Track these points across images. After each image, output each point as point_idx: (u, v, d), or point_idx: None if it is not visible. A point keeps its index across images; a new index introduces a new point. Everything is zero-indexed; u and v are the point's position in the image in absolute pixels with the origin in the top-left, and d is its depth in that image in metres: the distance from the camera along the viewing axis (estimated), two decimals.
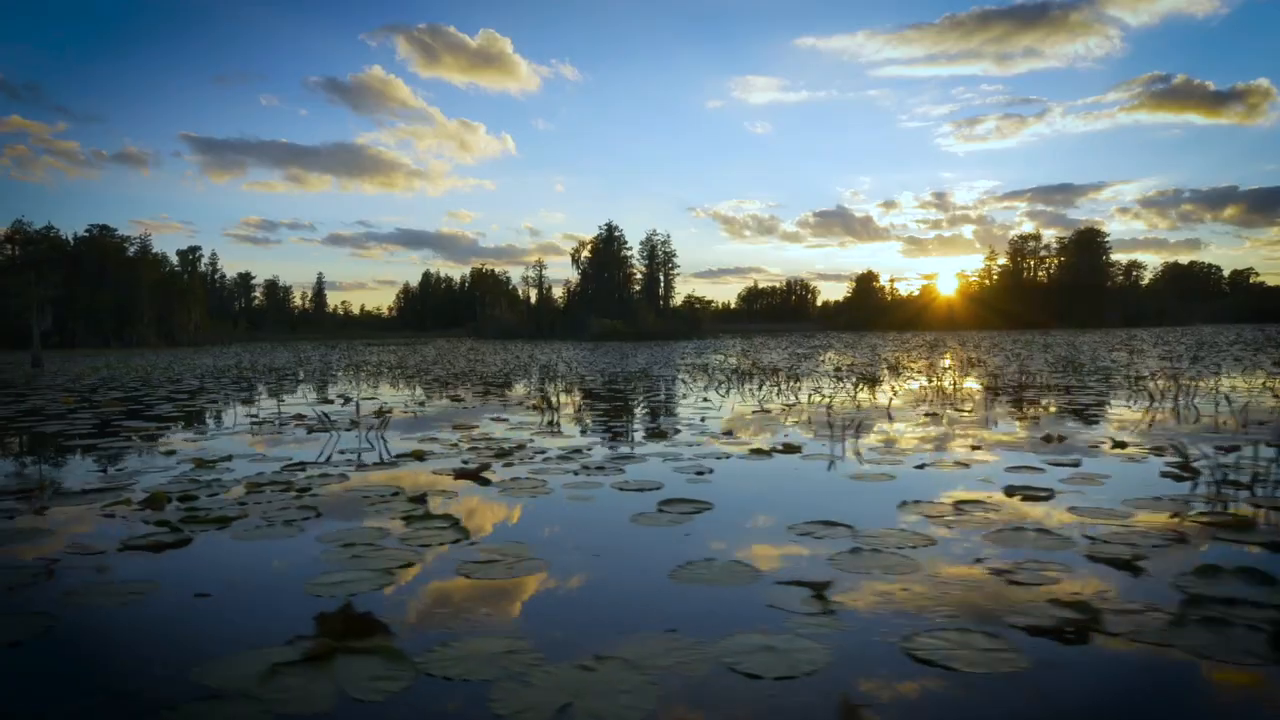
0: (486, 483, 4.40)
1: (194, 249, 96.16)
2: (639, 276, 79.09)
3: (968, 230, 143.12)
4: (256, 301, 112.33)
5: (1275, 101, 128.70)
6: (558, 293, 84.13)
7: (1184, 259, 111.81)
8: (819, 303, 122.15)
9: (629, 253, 78.79)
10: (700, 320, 69.51)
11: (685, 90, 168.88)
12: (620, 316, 64.64)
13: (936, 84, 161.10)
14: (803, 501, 3.86)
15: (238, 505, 3.85)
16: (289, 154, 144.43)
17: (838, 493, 4.11)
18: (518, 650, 2.13)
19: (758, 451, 5.35)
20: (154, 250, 68.36)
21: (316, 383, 14.45)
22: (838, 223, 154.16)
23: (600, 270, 78.06)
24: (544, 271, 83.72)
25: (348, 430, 6.83)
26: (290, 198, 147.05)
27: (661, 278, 77.58)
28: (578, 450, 5.58)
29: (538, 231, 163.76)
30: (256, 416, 8.31)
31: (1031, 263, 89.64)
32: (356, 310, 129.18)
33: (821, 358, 19.99)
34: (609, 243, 78.59)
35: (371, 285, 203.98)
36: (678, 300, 77.84)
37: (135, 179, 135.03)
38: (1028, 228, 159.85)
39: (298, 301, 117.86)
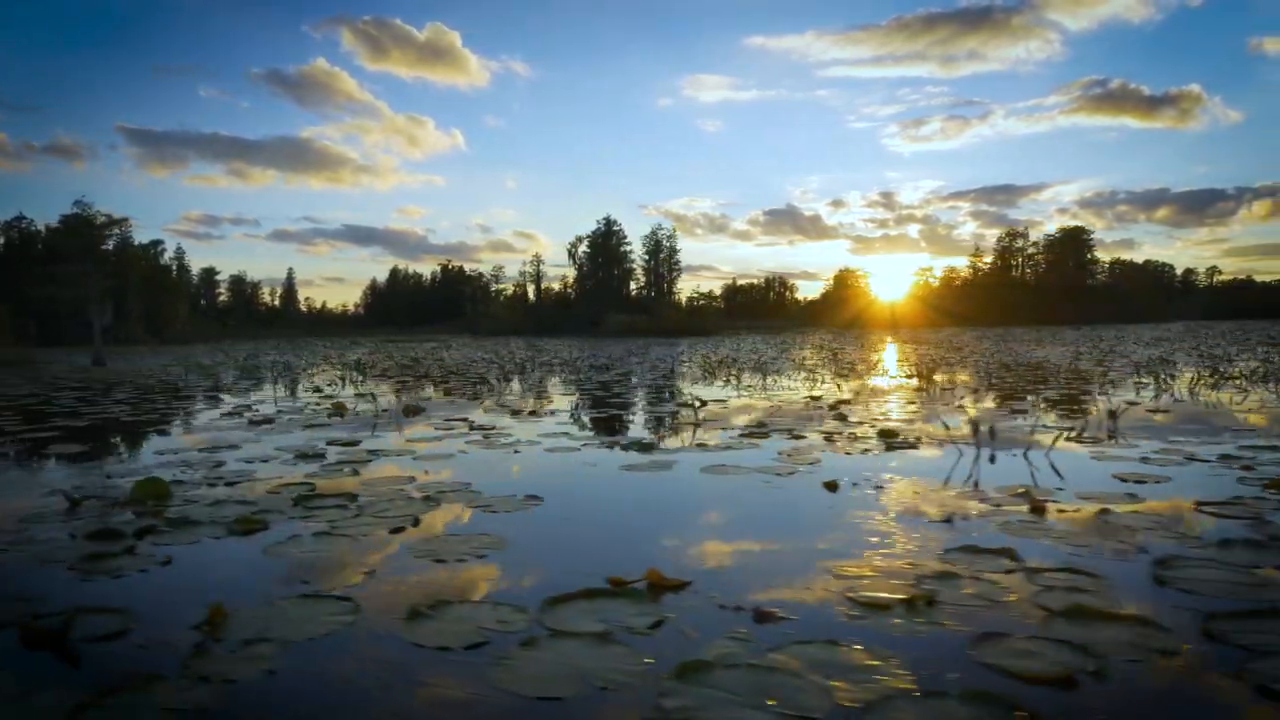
0: None
1: (156, 243, 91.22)
2: (639, 271, 77.67)
3: (913, 230, 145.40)
4: (221, 298, 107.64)
5: (1206, 106, 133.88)
6: (547, 289, 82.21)
7: (1118, 257, 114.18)
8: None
9: (628, 247, 77.29)
10: (707, 316, 68.46)
11: (637, 88, 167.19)
12: (622, 313, 63.10)
13: (883, 85, 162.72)
14: None
15: None
16: (231, 147, 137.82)
17: None
18: None
19: None
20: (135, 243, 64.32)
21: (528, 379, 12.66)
22: (787, 221, 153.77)
23: (598, 267, 76.36)
24: (536, 267, 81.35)
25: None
26: (233, 192, 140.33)
27: (667, 273, 76.25)
28: None
29: (489, 228, 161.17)
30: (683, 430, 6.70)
31: (1020, 260, 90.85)
32: (318, 307, 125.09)
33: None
34: (607, 237, 76.90)
35: (319, 282, 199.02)
36: (681, 296, 76.65)
37: (68, 172, 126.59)
38: (970, 228, 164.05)
39: (265, 298, 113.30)
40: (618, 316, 58.37)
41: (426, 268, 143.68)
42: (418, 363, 19.62)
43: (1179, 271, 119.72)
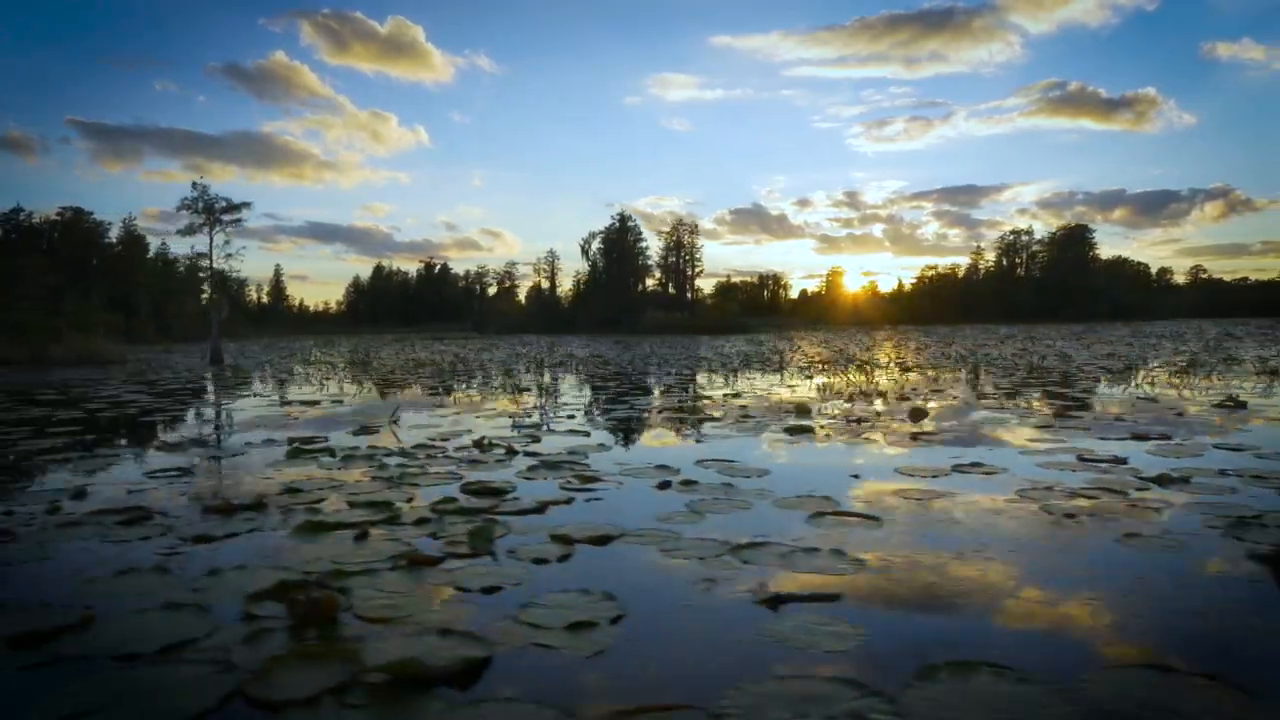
0: None
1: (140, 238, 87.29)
2: (653, 266, 76.17)
3: (877, 229, 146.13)
4: (204, 295, 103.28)
5: (1161, 109, 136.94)
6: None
7: (1118, 255, 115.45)
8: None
9: (644, 244, 75.80)
10: (731, 314, 67.15)
11: (603, 86, 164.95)
12: (659, 310, 61.69)
13: (848, 85, 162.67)
14: None
15: None
16: (189, 142, 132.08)
17: None
18: None
19: None
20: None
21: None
22: (754, 220, 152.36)
23: (612, 263, 74.70)
24: (551, 263, 79.50)
25: None
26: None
27: (689, 270, 74.91)
28: None
29: (455, 226, 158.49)
30: None
31: (1024, 258, 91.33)
32: (296, 305, 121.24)
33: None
34: (622, 233, 75.27)
35: (282, 280, 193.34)
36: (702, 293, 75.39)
37: (21, 166, 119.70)
38: (933, 227, 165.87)
39: (252, 296, 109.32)
40: (655, 314, 56.85)
41: (406, 265, 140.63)
42: (574, 358, 17.96)
43: (1154, 272, 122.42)
